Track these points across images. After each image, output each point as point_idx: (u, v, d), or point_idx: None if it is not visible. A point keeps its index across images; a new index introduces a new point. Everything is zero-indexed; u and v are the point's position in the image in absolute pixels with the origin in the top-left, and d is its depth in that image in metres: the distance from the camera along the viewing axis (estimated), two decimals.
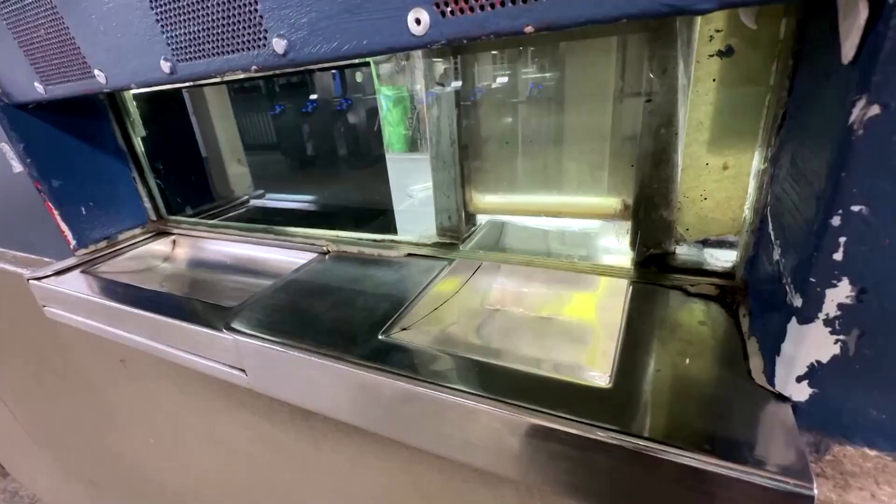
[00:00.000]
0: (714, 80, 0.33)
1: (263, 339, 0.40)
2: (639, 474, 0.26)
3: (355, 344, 0.37)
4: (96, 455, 1.07)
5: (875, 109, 0.19)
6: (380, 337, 0.38)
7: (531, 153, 0.48)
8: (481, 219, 0.55)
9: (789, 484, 0.22)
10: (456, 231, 0.53)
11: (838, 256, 0.22)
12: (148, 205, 0.73)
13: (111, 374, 0.71)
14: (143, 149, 0.70)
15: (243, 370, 0.43)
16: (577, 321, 0.39)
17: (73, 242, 0.65)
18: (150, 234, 0.72)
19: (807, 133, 0.26)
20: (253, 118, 0.78)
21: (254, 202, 0.85)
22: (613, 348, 0.33)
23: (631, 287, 0.41)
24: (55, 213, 0.62)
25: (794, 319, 0.24)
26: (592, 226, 0.48)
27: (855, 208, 0.20)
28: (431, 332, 0.40)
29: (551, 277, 0.45)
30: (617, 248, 0.45)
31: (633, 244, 0.43)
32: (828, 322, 0.23)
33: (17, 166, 0.60)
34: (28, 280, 0.61)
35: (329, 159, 0.71)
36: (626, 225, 0.44)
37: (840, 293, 0.22)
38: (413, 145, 0.50)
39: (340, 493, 0.50)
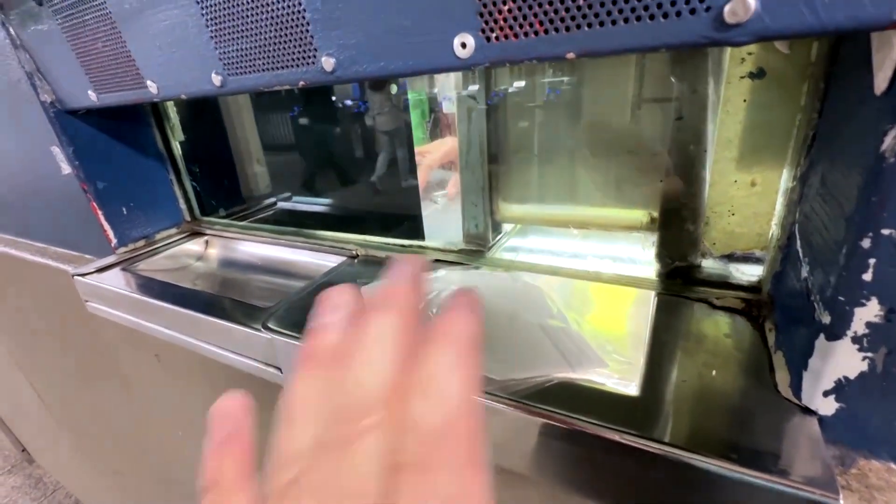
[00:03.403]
0: (744, 100, 0.34)
1: (300, 338, 0.42)
2: (662, 480, 0.27)
3: None
4: (122, 446, 1.11)
5: None
6: None
7: (558, 164, 0.49)
8: (507, 227, 0.57)
9: (815, 494, 0.23)
10: (482, 238, 0.54)
11: (867, 277, 0.23)
12: (183, 206, 0.76)
13: (145, 367, 0.74)
14: (180, 152, 0.73)
15: (279, 368, 0.45)
16: (603, 331, 0.40)
17: (114, 241, 0.68)
18: (184, 234, 0.75)
19: (837, 155, 0.27)
20: (273, 120, 0.80)
21: (281, 205, 0.87)
22: (640, 358, 0.34)
23: (656, 298, 0.42)
24: (99, 213, 0.66)
25: (822, 336, 0.25)
26: (618, 237, 0.49)
27: (885, 232, 0.21)
28: None
29: (577, 287, 0.46)
30: (643, 259, 0.46)
31: (659, 256, 0.44)
32: (856, 339, 0.24)
33: (66, 168, 0.64)
34: (73, 276, 0.64)
35: (349, 163, 0.73)
36: (653, 237, 0.45)
37: (869, 312, 0.23)
38: None
39: None
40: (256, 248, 0.71)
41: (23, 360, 1.26)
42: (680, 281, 0.43)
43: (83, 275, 0.64)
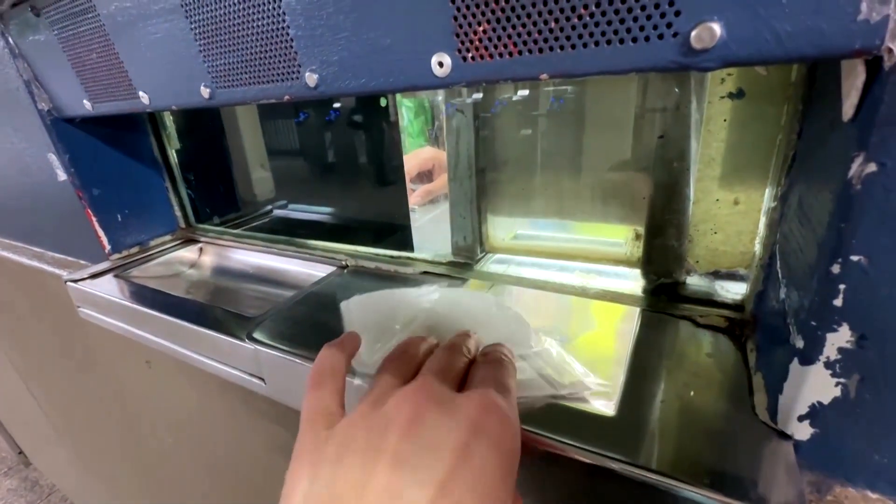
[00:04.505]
0: (725, 119, 0.34)
1: (283, 349, 0.42)
2: (631, 501, 0.27)
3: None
4: (116, 450, 1.10)
5: (872, 167, 0.20)
6: None
7: (545, 177, 0.49)
8: (496, 239, 0.57)
9: None
10: (470, 251, 0.54)
11: (838, 303, 0.22)
12: (178, 213, 0.77)
13: (137, 374, 0.74)
14: (176, 160, 0.73)
15: (262, 378, 0.45)
16: (585, 348, 0.40)
17: (108, 247, 0.68)
18: (178, 241, 0.76)
19: (812, 178, 0.27)
20: (278, 125, 0.80)
21: (276, 212, 0.88)
22: (620, 377, 0.34)
23: (641, 315, 0.41)
24: (94, 219, 0.66)
25: (796, 360, 0.25)
26: (604, 254, 0.49)
27: (854, 258, 0.21)
28: None
29: (561, 302, 0.46)
30: (628, 276, 0.46)
31: (644, 273, 0.44)
32: (828, 365, 0.24)
33: (62, 175, 0.64)
34: (66, 282, 0.64)
35: (348, 168, 0.73)
36: (638, 254, 0.44)
37: (840, 338, 0.23)
38: None
39: None
40: (249, 256, 0.71)
41: (19, 363, 1.26)
42: (665, 297, 0.43)
43: (76, 281, 0.64)
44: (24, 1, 0.49)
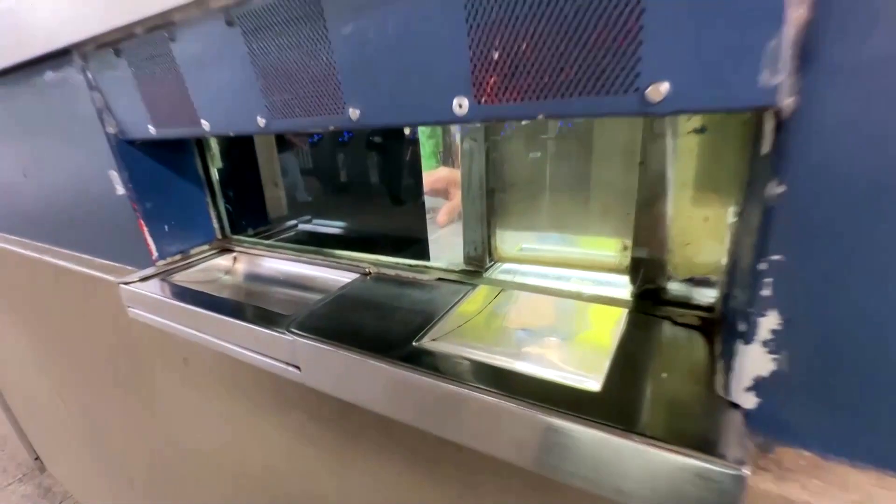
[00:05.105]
0: (692, 150, 0.41)
1: (318, 339, 0.49)
2: (612, 457, 0.33)
3: (393, 348, 0.45)
4: (138, 452, 1.16)
5: (782, 188, 0.27)
6: (413, 344, 0.46)
7: (547, 196, 0.57)
8: (503, 250, 0.64)
9: (730, 468, 0.29)
10: (480, 261, 0.61)
11: (766, 293, 0.29)
12: (216, 225, 0.85)
13: (173, 372, 0.81)
14: (217, 178, 0.82)
15: (298, 367, 0.52)
16: (580, 343, 0.46)
17: (155, 254, 0.76)
18: (215, 250, 0.84)
19: (752, 197, 0.34)
20: (293, 146, 0.89)
21: (301, 227, 0.96)
22: (605, 364, 0.40)
23: (628, 316, 0.48)
24: (145, 229, 0.74)
25: (740, 341, 0.31)
26: (598, 263, 0.55)
27: (774, 257, 0.28)
28: (456, 342, 0.48)
29: (560, 304, 0.53)
30: (618, 282, 0.52)
31: (631, 280, 0.51)
32: (764, 344, 0.30)
33: (120, 189, 0.73)
34: (119, 284, 0.72)
35: (372, 185, 0.81)
36: (626, 263, 0.51)
37: (771, 321, 0.29)
38: None
39: (370, 477, 0.57)
40: (279, 264, 0.79)
41: (53, 367, 1.34)
42: (649, 302, 0.49)
43: (128, 283, 0.72)
44: (109, 44, 0.58)
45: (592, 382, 0.38)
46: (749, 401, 0.32)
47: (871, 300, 0.26)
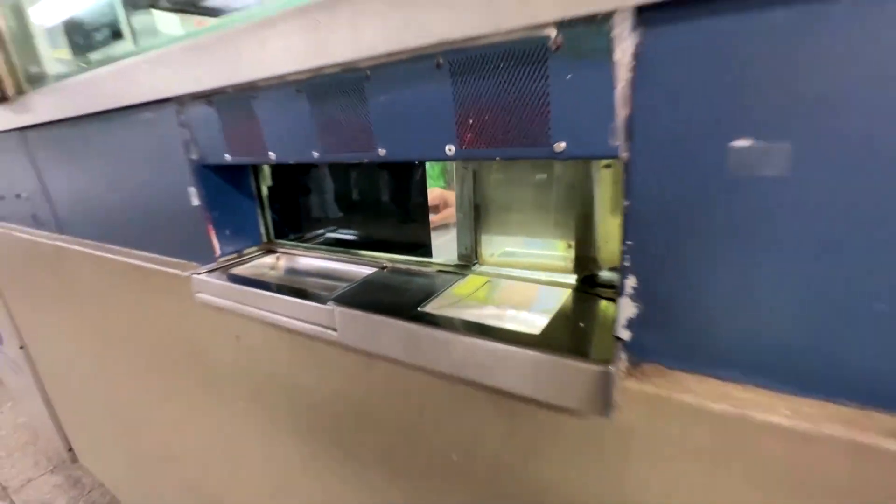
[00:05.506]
0: (607, 179, 0.61)
1: (350, 307, 0.69)
2: (546, 370, 0.52)
3: (403, 313, 0.65)
4: (173, 436, 1.35)
5: (628, 202, 0.47)
6: (418, 310, 0.66)
7: (516, 211, 0.77)
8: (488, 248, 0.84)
9: (602, 367, 0.48)
10: (469, 258, 0.81)
11: (627, 264, 0.49)
12: (263, 231, 1.07)
13: (226, 348, 1.01)
14: (266, 193, 1.04)
15: (335, 329, 0.72)
16: (536, 309, 0.66)
17: (218, 252, 0.98)
18: (262, 251, 1.05)
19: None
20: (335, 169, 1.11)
21: (328, 235, 1.17)
22: (548, 320, 0.60)
23: (572, 294, 0.67)
24: (212, 233, 0.96)
25: (619, 297, 0.51)
26: (553, 258, 0.75)
27: (629, 242, 0.48)
28: (448, 309, 0.68)
29: (528, 288, 0.72)
30: (567, 272, 0.72)
31: (575, 269, 0.71)
32: (630, 297, 0.50)
33: (195, 202, 0.95)
34: (191, 275, 0.93)
35: (381, 203, 1.02)
36: (572, 257, 0.71)
37: (631, 282, 0.49)
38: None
39: (391, 410, 0.77)
40: (314, 261, 0.99)
41: (107, 358, 1.54)
42: (587, 284, 0.69)
43: (198, 273, 0.93)
44: (203, 97, 0.81)
45: (536, 330, 0.58)
46: (625, 334, 0.51)
47: (683, 265, 0.46)
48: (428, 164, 0.82)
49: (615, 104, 0.44)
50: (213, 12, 1.39)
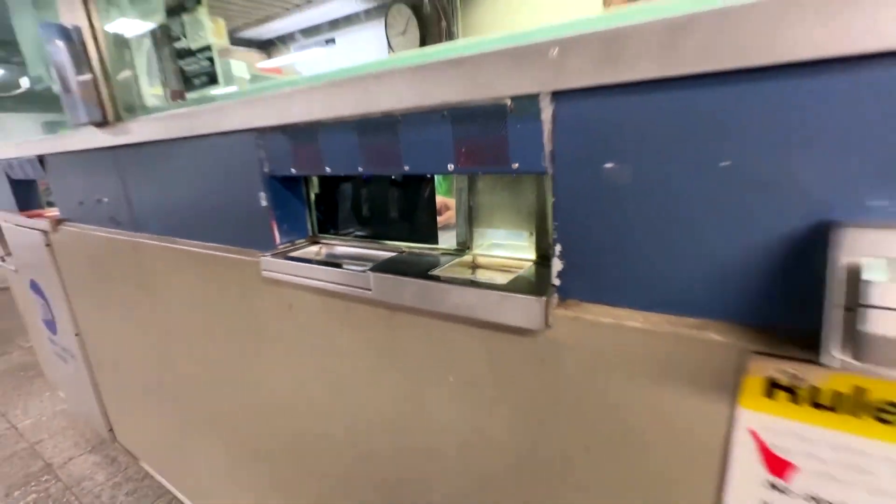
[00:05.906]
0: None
1: (381, 272, 1.01)
2: (510, 303, 0.84)
3: (418, 275, 0.97)
4: (221, 407, 1.65)
5: (554, 198, 0.79)
6: (428, 273, 0.98)
7: (499, 210, 1.09)
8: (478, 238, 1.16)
9: (537, 297, 0.79)
10: (465, 245, 1.14)
11: (555, 235, 0.81)
12: (309, 227, 1.40)
13: (279, 317, 1.33)
14: (314, 198, 1.38)
15: (370, 289, 1.04)
16: (508, 279, 0.97)
17: (278, 241, 1.31)
18: (308, 242, 1.38)
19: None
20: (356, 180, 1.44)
21: (357, 231, 1.50)
22: (511, 278, 0.92)
23: (533, 266, 0.99)
24: (275, 228, 1.29)
25: (553, 258, 0.83)
26: (522, 243, 1.08)
27: (556, 222, 0.80)
28: (449, 273, 1.00)
29: (504, 263, 1.05)
30: (531, 253, 1.04)
31: (535, 252, 1.03)
32: (558, 257, 0.81)
33: (264, 203, 1.28)
34: (261, 257, 1.26)
35: (402, 206, 1.35)
36: (533, 243, 1.03)
37: (559, 247, 0.81)
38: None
39: (409, 357, 1.08)
40: (350, 249, 1.32)
41: (167, 337, 1.86)
42: (543, 263, 1.01)
43: (265, 255, 1.26)
44: (278, 128, 1.15)
45: (504, 284, 0.89)
46: (556, 281, 0.83)
47: (588, 236, 0.77)
48: (436, 179, 1.15)
49: (544, 143, 0.77)
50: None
